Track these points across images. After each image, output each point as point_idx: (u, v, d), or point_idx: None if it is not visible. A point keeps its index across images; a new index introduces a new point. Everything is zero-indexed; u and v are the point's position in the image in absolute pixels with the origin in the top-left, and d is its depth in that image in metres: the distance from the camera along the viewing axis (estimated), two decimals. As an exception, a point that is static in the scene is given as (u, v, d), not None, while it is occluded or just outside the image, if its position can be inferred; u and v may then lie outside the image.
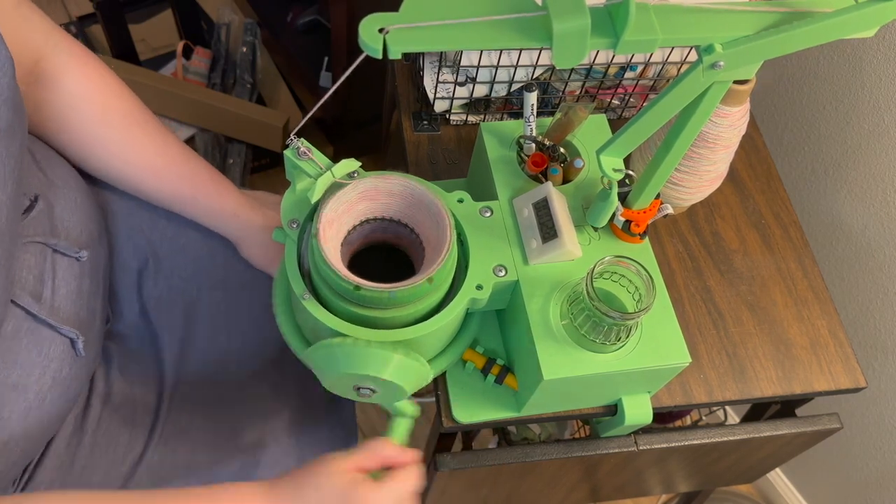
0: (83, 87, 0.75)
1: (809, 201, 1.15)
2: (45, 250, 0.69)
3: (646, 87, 0.94)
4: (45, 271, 0.68)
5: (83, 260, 0.73)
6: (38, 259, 0.67)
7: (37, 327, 0.66)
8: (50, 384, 0.67)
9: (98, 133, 0.76)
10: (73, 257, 0.72)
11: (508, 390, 0.76)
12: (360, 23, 0.46)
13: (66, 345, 0.69)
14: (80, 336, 0.70)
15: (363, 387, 0.64)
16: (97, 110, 0.75)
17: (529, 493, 0.97)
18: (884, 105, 0.97)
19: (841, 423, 0.85)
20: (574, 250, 0.69)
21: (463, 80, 0.90)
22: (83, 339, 0.70)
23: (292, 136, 0.62)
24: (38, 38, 0.71)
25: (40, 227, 0.68)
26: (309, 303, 0.63)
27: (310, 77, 1.66)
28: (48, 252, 0.69)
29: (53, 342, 0.67)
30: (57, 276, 0.69)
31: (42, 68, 0.72)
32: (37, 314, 0.65)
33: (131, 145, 0.77)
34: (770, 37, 0.52)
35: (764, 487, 1.54)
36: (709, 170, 0.81)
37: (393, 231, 0.70)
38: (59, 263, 0.70)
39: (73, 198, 0.75)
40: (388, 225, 0.70)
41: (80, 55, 0.75)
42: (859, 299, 1.13)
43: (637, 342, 0.68)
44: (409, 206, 0.67)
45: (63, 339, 0.69)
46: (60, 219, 0.72)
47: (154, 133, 0.79)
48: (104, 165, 0.78)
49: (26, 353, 0.65)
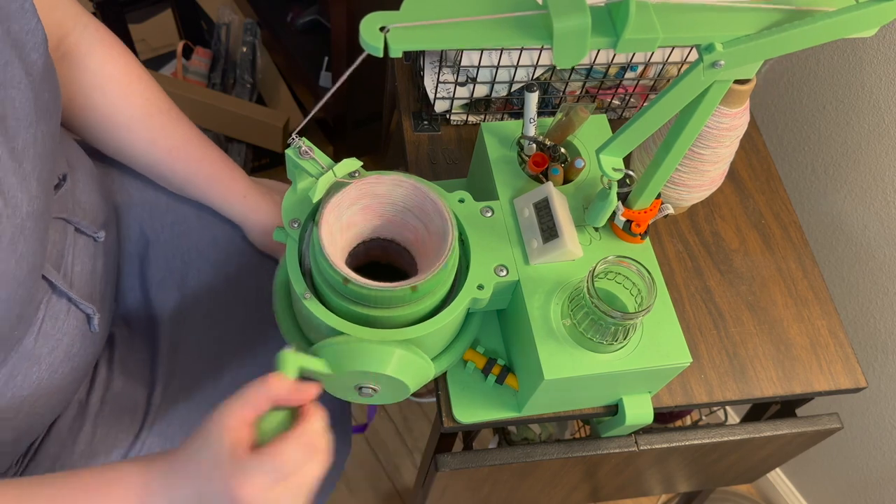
0: (108, 68, 0.76)
1: (809, 201, 1.15)
2: (67, 227, 0.70)
3: (646, 87, 0.94)
4: (65, 247, 0.69)
5: (100, 240, 0.74)
6: (60, 235, 0.69)
7: (56, 300, 0.67)
8: (62, 358, 0.67)
9: (121, 113, 0.77)
10: (91, 236, 0.73)
11: (509, 390, 0.76)
12: (361, 22, 0.46)
13: (80, 320, 0.70)
14: (97, 313, 0.71)
15: (365, 385, 0.64)
16: (121, 91, 0.77)
17: (530, 493, 0.97)
18: (884, 105, 0.98)
19: (841, 423, 0.85)
20: (575, 250, 0.69)
21: (463, 80, 0.90)
22: (98, 315, 0.71)
23: (294, 136, 0.62)
24: (66, 15, 0.73)
25: (65, 203, 0.70)
26: (310, 302, 0.63)
27: (310, 77, 1.66)
28: (70, 229, 0.70)
29: (69, 316, 0.68)
30: (76, 253, 0.71)
31: (68, 46, 0.74)
32: (60, 286, 0.66)
33: (152, 127, 0.79)
34: (770, 36, 0.52)
35: (764, 487, 1.54)
36: (709, 170, 0.81)
37: (393, 250, 0.71)
38: (78, 241, 0.71)
39: (87, 181, 0.76)
40: (387, 244, 0.71)
41: (105, 37, 0.76)
42: (859, 299, 1.13)
43: (638, 342, 0.68)
44: (408, 210, 0.67)
45: (79, 314, 0.70)
46: (79, 199, 0.73)
47: (172, 115, 0.80)
48: (124, 146, 0.79)
49: (42, 323, 0.65)
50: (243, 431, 0.54)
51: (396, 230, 0.69)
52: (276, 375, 0.55)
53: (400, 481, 1.51)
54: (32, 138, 0.59)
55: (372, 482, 1.50)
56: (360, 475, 1.50)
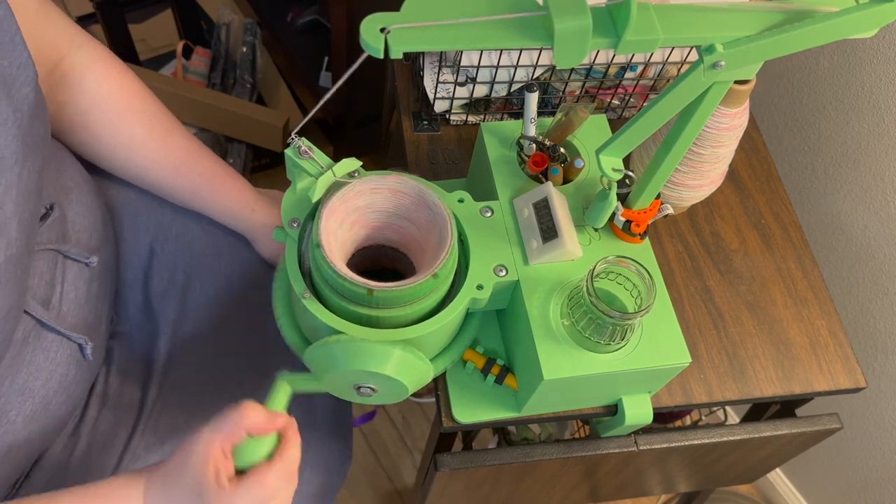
0: (105, 87, 0.75)
1: (809, 201, 1.15)
2: (56, 256, 0.69)
3: (646, 87, 0.94)
4: (55, 277, 0.68)
5: (92, 265, 0.73)
6: (49, 265, 0.68)
7: (44, 333, 0.66)
8: (56, 388, 0.67)
9: (121, 131, 0.76)
10: (82, 262, 0.72)
11: (508, 390, 0.76)
12: (362, 23, 0.46)
13: (73, 349, 0.69)
14: (89, 342, 0.70)
15: (364, 385, 0.64)
16: (120, 109, 0.76)
17: (529, 493, 0.97)
18: (884, 105, 0.98)
19: (841, 423, 0.85)
20: (574, 250, 0.69)
21: (463, 80, 0.90)
22: (91, 344, 0.70)
23: (293, 136, 0.62)
24: (61, 37, 0.72)
25: (54, 233, 0.69)
26: (309, 302, 0.63)
27: (310, 77, 1.66)
28: (59, 258, 0.69)
29: (61, 347, 0.67)
30: (66, 281, 0.70)
31: (64, 69, 0.73)
32: (46, 322, 0.65)
33: (153, 143, 0.78)
34: (771, 37, 0.52)
35: (764, 487, 1.54)
36: (709, 170, 0.81)
37: (392, 255, 0.71)
38: (70, 269, 0.70)
39: (85, 201, 0.75)
40: (386, 250, 0.71)
41: (101, 55, 0.76)
42: (859, 299, 1.13)
43: (637, 342, 0.68)
44: (408, 209, 0.67)
45: (71, 344, 0.69)
46: (73, 224, 0.72)
47: (174, 131, 0.80)
48: (125, 164, 0.79)
49: (32, 357, 0.65)
50: (222, 460, 0.56)
51: (396, 231, 0.69)
52: (250, 406, 0.58)
53: (400, 481, 1.51)
54: (17, 178, 0.57)
55: (372, 482, 1.50)
56: (359, 475, 1.50)
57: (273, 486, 0.57)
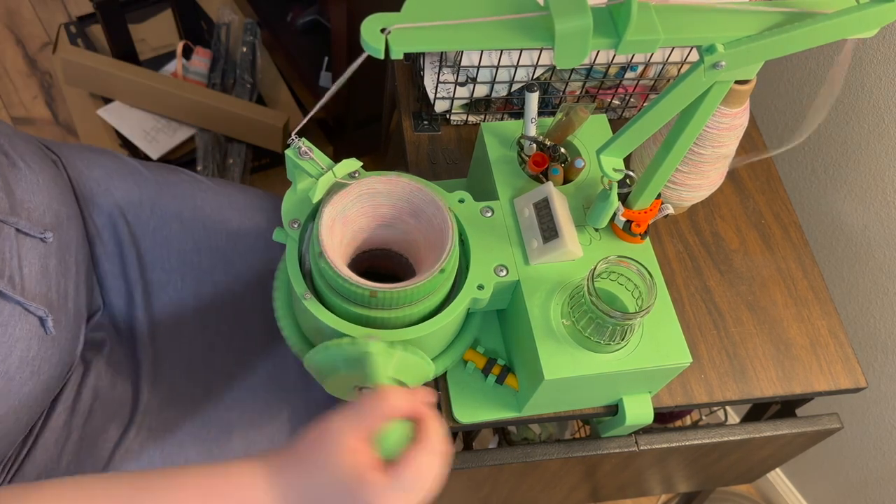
0: None
1: (809, 201, 1.15)
2: (7, 229, 0.68)
3: (646, 87, 0.94)
4: (5, 249, 0.67)
5: (48, 241, 0.72)
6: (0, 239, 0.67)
7: (3, 305, 0.65)
8: (17, 364, 0.66)
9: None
10: (37, 237, 0.71)
11: (509, 390, 0.76)
12: (362, 23, 0.46)
13: (33, 324, 0.68)
14: (49, 314, 0.69)
15: (365, 387, 0.64)
16: None
17: (530, 493, 0.97)
18: (884, 105, 0.98)
19: (841, 423, 0.85)
20: (575, 250, 0.69)
21: (463, 80, 0.90)
22: (52, 317, 0.69)
23: (293, 136, 0.62)
24: None
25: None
26: (310, 303, 0.63)
27: (310, 77, 1.66)
28: (11, 231, 0.68)
29: (19, 321, 0.66)
30: (21, 255, 0.69)
31: None
32: (4, 291, 0.64)
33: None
34: (771, 37, 0.52)
35: (764, 487, 1.54)
36: (709, 170, 0.81)
37: (392, 257, 0.71)
38: (23, 243, 0.69)
39: (36, 179, 0.74)
40: (386, 253, 0.71)
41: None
42: (859, 299, 1.13)
43: (638, 342, 0.68)
44: (408, 210, 0.67)
45: (30, 317, 0.68)
46: (21, 200, 0.71)
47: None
48: None
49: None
50: (365, 451, 0.53)
51: (396, 232, 0.69)
52: (392, 390, 0.54)
53: (400, 481, 1.50)
54: None
55: (372, 482, 1.49)
56: (360, 475, 1.49)
57: (428, 468, 0.53)
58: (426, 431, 0.54)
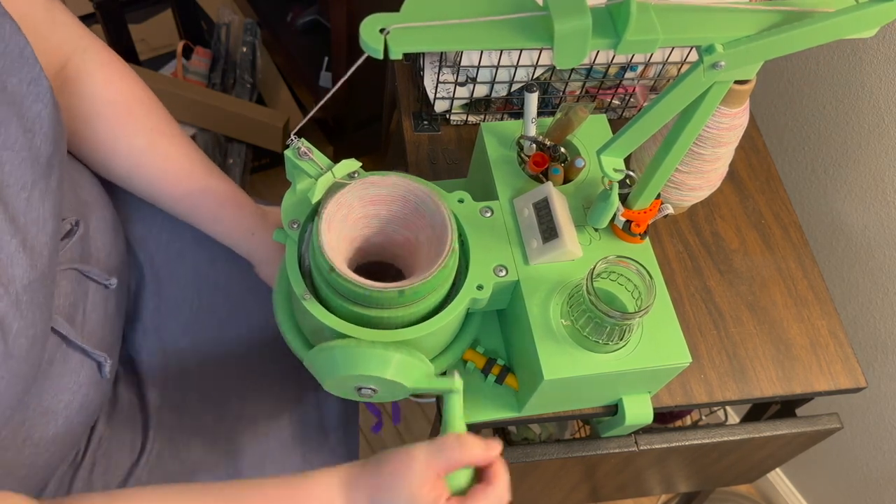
0: (108, 93, 0.73)
1: (809, 201, 1.15)
2: (79, 276, 0.68)
3: (646, 87, 0.94)
4: (78, 297, 0.68)
5: (112, 287, 0.72)
6: (72, 285, 0.67)
7: (69, 353, 0.66)
8: (77, 409, 0.66)
9: (122, 143, 0.74)
10: (102, 284, 0.71)
11: (509, 390, 0.76)
12: (361, 23, 0.46)
13: (93, 368, 0.69)
14: (108, 359, 0.69)
15: (364, 387, 0.64)
16: (121, 114, 0.74)
17: (530, 493, 0.97)
18: (884, 105, 0.97)
19: (841, 423, 0.85)
20: (574, 250, 0.69)
21: (463, 80, 0.90)
22: (110, 362, 0.70)
23: (293, 136, 0.62)
24: (67, 41, 0.71)
25: (76, 252, 0.68)
26: (309, 303, 0.63)
27: (310, 77, 1.66)
28: (81, 278, 0.68)
29: (83, 367, 0.67)
30: (88, 301, 0.69)
31: (68, 72, 0.71)
32: (72, 339, 0.65)
33: (153, 153, 0.75)
34: (771, 37, 0.52)
35: (764, 487, 1.54)
36: (709, 170, 0.81)
37: (385, 255, 0.72)
38: (91, 289, 0.70)
39: (104, 216, 0.74)
40: (382, 252, 0.71)
41: (106, 59, 0.74)
42: (859, 299, 1.13)
43: (637, 342, 0.68)
44: (408, 210, 0.67)
45: (91, 363, 0.68)
46: (94, 241, 0.71)
47: (178, 143, 0.77)
48: (128, 175, 0.77)
49: (58, 378, 0.64)
50: (442, 486, 0.59)
51: (395, 231, 0.69)
52: (472, 439, 0.60)
53: (400, 481, 1.51)
54: (25, 202, 0.56)
55: (372, 482, 1.50)
56: (360, 475, 1.50)
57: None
58: (495, 477, 0.60)
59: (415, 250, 0.69)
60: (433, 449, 0.59)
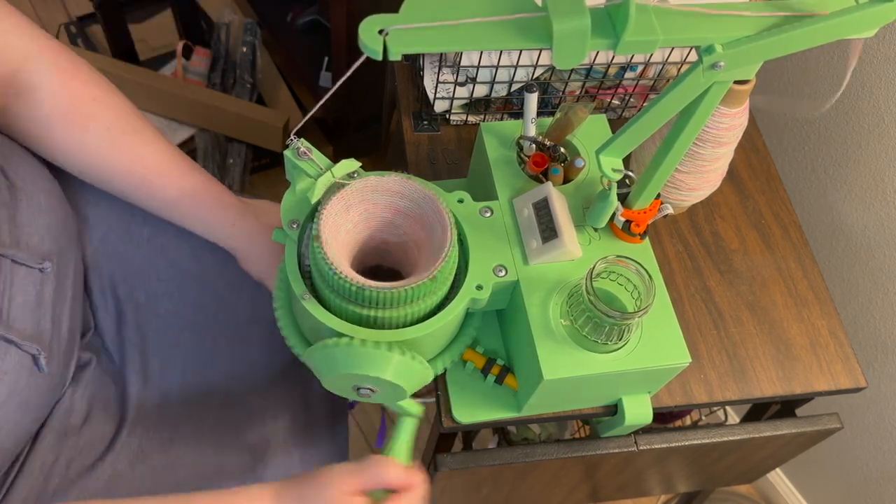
0: (65, 99, 0.72)
1: (809, 201, 1.15)
2: (2, 261, 0.65)
3: (646, 88, 0.94)
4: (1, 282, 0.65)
5: (46, 271, 0.69)
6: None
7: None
8: (5, 396, 0.64)
9: (81, 144, 0.73)
10: (33, 268, 0.68)
11: (508, 390, 0.76)
12: (360, 24, 0.46)
13: (24, 357, 0.66)
14: (42, 351, 0.66)
15: (363, 387, 0.64)
16: (78, 121, 0.72)
17: (529, 493, 0.97)
18: (884, 105, 0.97)
19: (841, 423, 0.85)
20: (574, 250, 0.69)
21: (463, 81, 0.90)
22: (45, 354, 0.67)
23: (292, 136, 0.62)
24: (18, 48, 0.69)
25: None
26: (309, 303, 0.63)
27: (310, 77, 1.66)
28: (5, 263, 0.65)
29: (8, 354, 0.64)
30: (14, 286, 0.66)
31: (20, 80, 0.70)
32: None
33: (119, 160, 0.74)
34: (770, 37, 0.52)
35: (764, 487, 1.54)
36: (709, 170, 0.81)
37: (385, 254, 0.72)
38: (17, 273, 0.66)
39: (38, 202, 0.71)
40: (382, 251, 0.71)
41: (61, 62, 0.72)
42: (859, 299, 1.13)
43: (637, 342, 0.68)
44: (407, 210, 0.67)
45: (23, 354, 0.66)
46: (21, 225, 0.68)
47: (146, 137, 0.75)
48: (96, 172, 0.75)
49: None
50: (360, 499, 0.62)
51: (395, 231, 0.69)
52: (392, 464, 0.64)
53: (400, 481, 1.51)
54: None
55: (372, 482, 1.50)
56: (360, 475, 1.50)
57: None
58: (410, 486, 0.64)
59: (414, 250, 0.69)
60: (354, 468, 0.63)
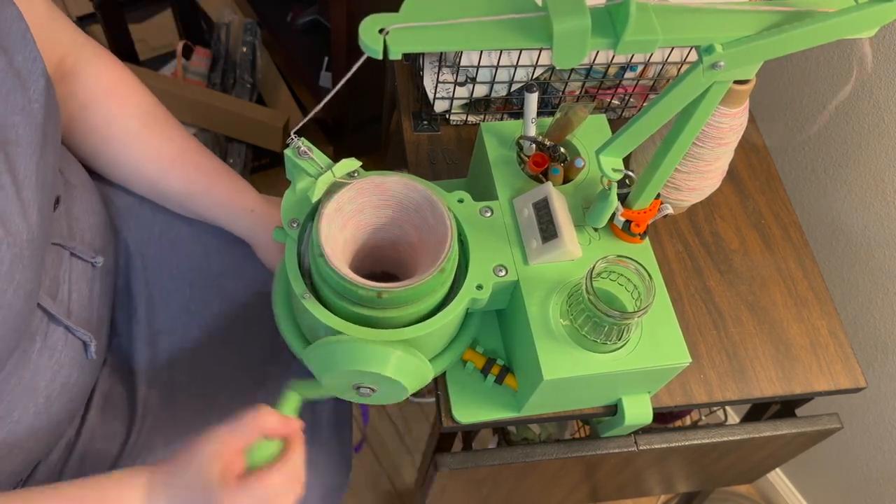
0: (103, 80, 0.77)
1: (809, 201, 1.15)
2: (63, 252, 0.69)
3: (646, 87, 0.94)
4: (60, 273, 0.68)
5: (98, 266, 0.73)
6: (55, 261, 0.68)
7: (51, 329, 0.66)
8: (59, 390, 0.67)
9: (116, 127, 0.77)
10: (88, 261, 0.72)
11: (508, 390, 0.76)
12: (360, 24, 0.46)
13: (77, 349, 0.69)
14: (93, 340, 0.70)
15: (363, 386, 0.64)
16: (115, 104, 0.77)
17: (529, 493, 0.97)
18: (884, 105, 0.97)
19: (841, 423, 0.85)
20: (574, 250, 0.69)
21: (463, 80, 0.90)
22: (95, 342, 0.70)
23: (293, 135, 0.62)
24: (65, 36, 0.74)
25: (59, 229, 0.69)
26: (309, 302, 0.63)
27: (310, 77, 1.66)
28: (65, 255, 0.69)
29: (66, 346, 0.67)
30: (72, 279, 0.69)
31: (65, 66, 0.75)
32: (55, 314, 0.65)
33: (148, 141, 0.78)
34: (770, 37, 0.52)
35: (764, 487, 1.54)
36: (709, 170, 0.81)
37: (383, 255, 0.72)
38: (75, 267, 0.70)
39: (89, 199, 0.75)
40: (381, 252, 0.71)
41: (101, 53, 0.78)
42: (859, 299, 1.13)
43: (637, 342, 0.68)
44: (407, 210, 0.67)
45: (76, 342, 0.69)
46: (77, 220, 0.72)
47: (172, 130, 0.80)
48: (120, 161, 0.79)
49: (39, 356, 0.64)
50: (233, 459, 0.59)
51: (395, 231, 0.69)
52: (267, 410, 0.60)
53: (400, 481, 1.51)
54: (35, 166, 0.59)
55: (372, 482, 1.50)
56: (359, 475, 1.50)
57: (277, 486, 0.59)
58: (288, 455, 0.61)
59: (414, 250, 0.70)
60: (226, 426, 0.60)
